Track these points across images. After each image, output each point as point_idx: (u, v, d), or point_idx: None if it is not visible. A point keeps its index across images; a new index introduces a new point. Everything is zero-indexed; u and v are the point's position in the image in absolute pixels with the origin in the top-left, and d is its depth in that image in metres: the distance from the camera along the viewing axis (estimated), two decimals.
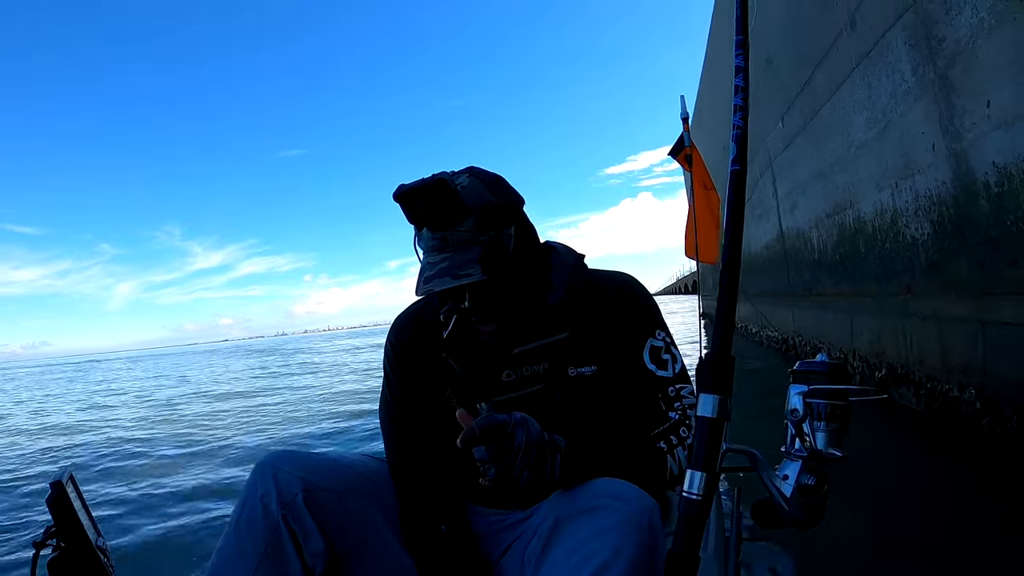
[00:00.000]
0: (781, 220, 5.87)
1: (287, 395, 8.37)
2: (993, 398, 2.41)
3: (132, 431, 5.98)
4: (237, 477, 3.47)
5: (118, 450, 4.87)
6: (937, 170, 2.73)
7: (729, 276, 0.62)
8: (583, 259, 0.94)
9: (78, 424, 7.05)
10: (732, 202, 0.64)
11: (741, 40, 0.72)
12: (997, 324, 2.37)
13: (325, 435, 4.92)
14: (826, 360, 0.67)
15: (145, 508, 2.98)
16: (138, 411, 8.11)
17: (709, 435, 0.57)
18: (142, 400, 9.88)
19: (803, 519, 0.64)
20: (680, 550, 0.56)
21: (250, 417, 6.40)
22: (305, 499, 0.79)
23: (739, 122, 0.69)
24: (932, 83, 2.64)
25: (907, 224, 3.13)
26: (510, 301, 0.83)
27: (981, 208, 2.38)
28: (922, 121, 2.79)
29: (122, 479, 3.77)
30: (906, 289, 3.21)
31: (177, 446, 4.86)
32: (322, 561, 0.79)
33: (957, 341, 2.70)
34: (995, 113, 2.22)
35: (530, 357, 0.87)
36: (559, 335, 0.86)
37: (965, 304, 2.59)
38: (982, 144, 2.33)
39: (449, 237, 0.77)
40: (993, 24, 2.16)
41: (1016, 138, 2.11)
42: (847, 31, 3.49)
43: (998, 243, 2.30)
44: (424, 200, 0.75)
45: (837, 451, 0.63)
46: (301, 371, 13.13)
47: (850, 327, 4.20)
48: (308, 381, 10.28)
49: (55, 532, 0.70)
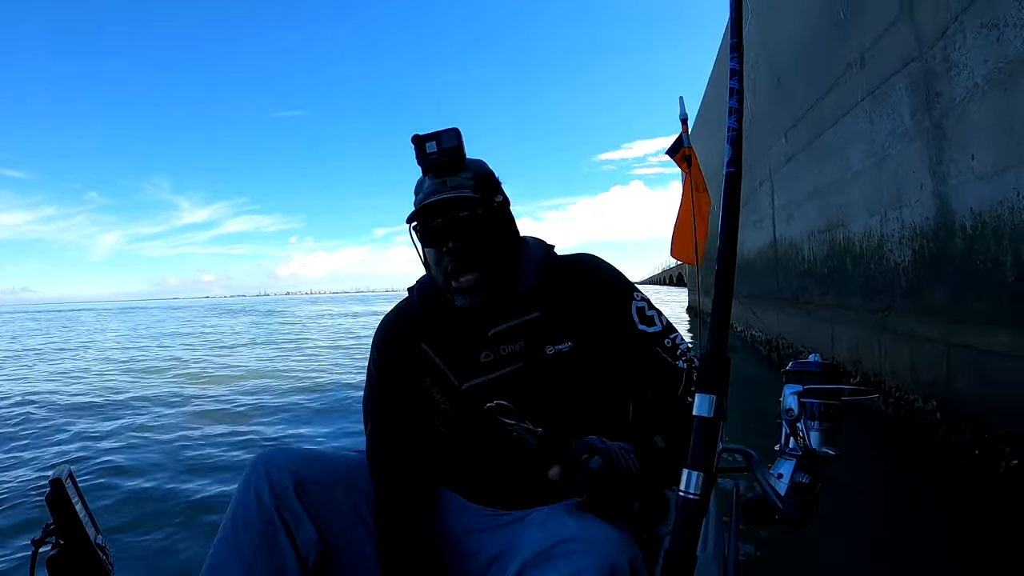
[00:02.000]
0: (776, 229, 6.23)
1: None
2: (952, 411, 2.80)
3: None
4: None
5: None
6: (923, 206, 3.07)
7: (725, 277, 0.63)
8: (553, 249, 0.99)
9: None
10: (727, 204, 0.65)
11: (736, 43, 0.72)
12: (961, 347, 2.75)
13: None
14: (819, 360, 0.68)
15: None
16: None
17: (706, 435, 0.58)
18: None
19: (797, 517, 0.64)
20: (677, 550, 0.56)
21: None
22: (296, 490, 0.83)
23: (734, 124, 0.69)
24: (927, 130, 2.96)
25: (891, 249, 3.49)
26: (491, 250, 0.88)
27: (956, 246, 2.74)
28: (915, 161, 3.12)
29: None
30: (885, 307, 3.58)
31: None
32: (315, 550, 0.83)
33: (925, 358, 3.08)
34: (978, 166, 2.55)
35: (505, 337, 0.89)
36: (531, 314, 0.89)
37: (935, 327, 2.97)
38: (963, 191, 2.67)
39: (449, 181, 0.85)
40: (986, 90, 2.47)
41: (993, 191, 2.45)
42: (857, 67, 3.79)
43: (968, 278, 2.66)
44: (439, 140, 0.83)
45: (831, 450, 0.64)
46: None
47: (831, 335, 4.60)
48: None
49: (54, 530, 0.71)
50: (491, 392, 0.86)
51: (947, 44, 2.75)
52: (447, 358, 0.92)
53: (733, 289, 0.62)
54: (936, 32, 2.83)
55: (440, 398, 0.92)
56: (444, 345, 0.93)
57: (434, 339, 0.93)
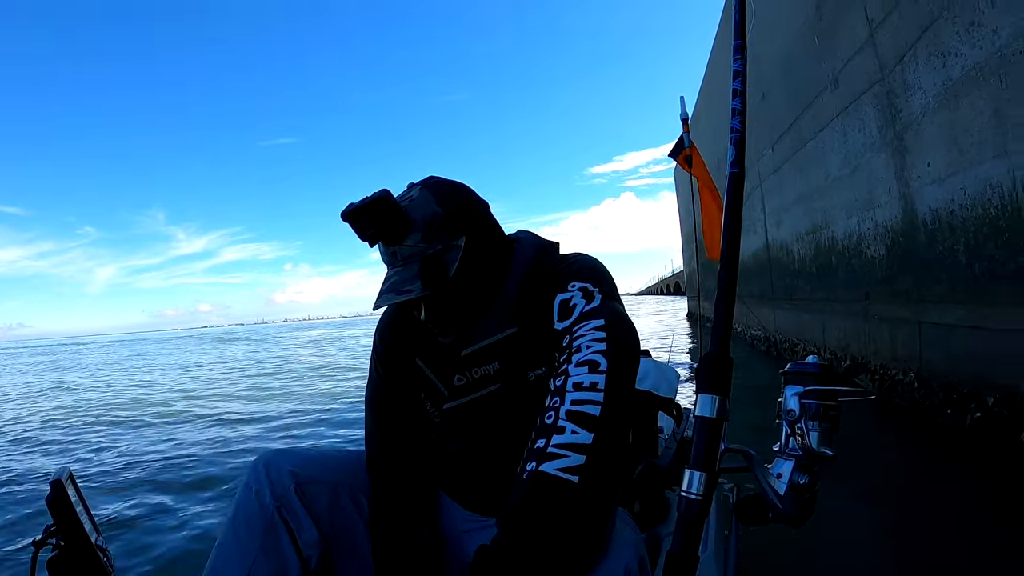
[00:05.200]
0: (767, 233, 6.74)
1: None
2: (926, 378, 3.25)
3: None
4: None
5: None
6: (891, 207, 3.57)
7: (728, 278, 0.63)
8: (550, 246, 0.87)
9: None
10: (731, 204, 0.66)
11: (739, 45, 0.71)
12: (929, 324, 3.22)
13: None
14: (817, 362, 0.69)
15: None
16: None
17: (708, 435, 0.57)
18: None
19: (796, 516, 0.65)
20: (679, 550, 0.55)
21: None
22: (297, 491, 0.82)
23: (737, 125, 0.68)
24: (891, 142, 3.47)
25: (868, 246, 3.98)
26: (462, 312, 0.80)
27: (920, 240, 3.23)
28: (883, 169, 3.63)
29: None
30: (865, 295, 4.06)
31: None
32: (317, 551, 0.81)
33: (901, 337, 3.55)
34: (932, 172, 3.05)
35: (479, 358, 0.83)
36: (507, 331, 0.82)
37: (908, 309, 3.44)
38: (923, 193, 3.17)
39: (398, 252, 0.77)
40: (935, 107, 2.98)
41: (945, 192, 2.95)
42: (831, 87, 4.32)
43: (930, 265, 3.14)
44: (368, 217, 0.74)
45: (828, 450, 0.65)
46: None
47: (822, 326, 5.07)
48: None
49: (55, 531, 0.70)
50: (471, 414, 0.85)
51: (904, 68, 3.26)
52: (437, 371, 0.89)
53: (736, 289, 0.63)
54: (895, 58, 3.35)
55: (433, 411, 0.90)
56: (433, 358, 0.89)
57: (425, 351, 0.90)
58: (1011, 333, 2.49)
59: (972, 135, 2.68)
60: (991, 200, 2.58)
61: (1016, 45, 2.32)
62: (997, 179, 2.52)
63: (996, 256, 2.59)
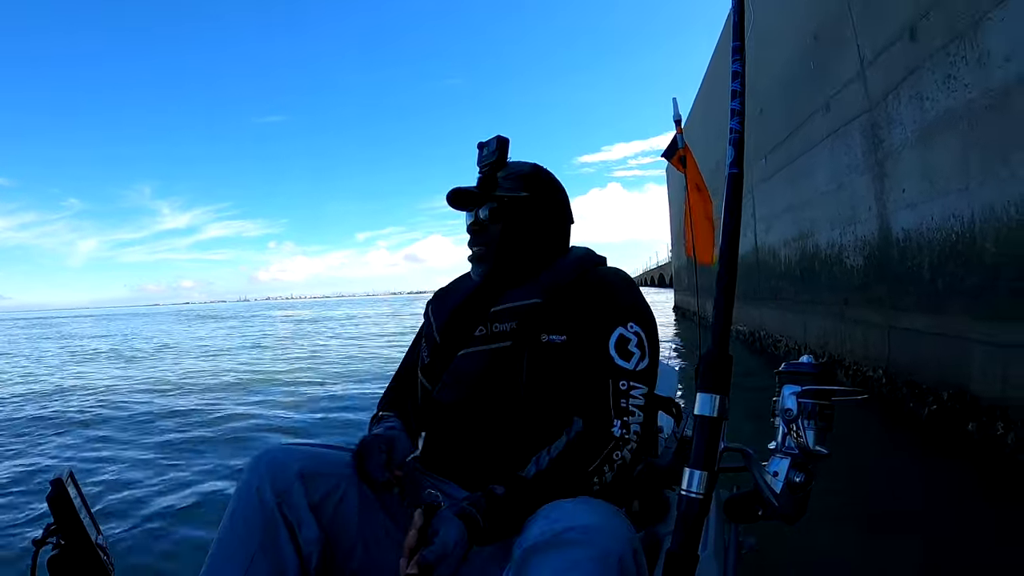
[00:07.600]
0: (757, 238, 7.23)
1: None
2: (893, 375, 3.75)
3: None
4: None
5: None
6: (870, 223, 4.05)
7: (727, 277, 0.64)
8: (596, 259, 1.02)
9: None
10: (730, 204, 0.66)
11: (738, 46, 0.71)
12: (898, 329, 3.71)
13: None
14: (812, 361, 0.69)
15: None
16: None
17: (708, 434, 0.58)
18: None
19: (792, 514, 0.66)
20: (679, 549, 0.56)
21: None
22: (298, 488, 0.81)
23: (736, 126, 0.68)
24: (873, 166, 3.94)
25: (848, 256, 4.46)
26: (501, 249, 0.95)
27: (892, 255, 3.72)
28: (864, 189, 4.10)
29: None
30: (844, 299, 4.56)
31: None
32: (317, 548, 0.81)
33: (873, 338, 4.05)
34: (907, 198, 3.52)
35: (502, 316, 0.91)
36: (532, 300, 0.91)
37: (880, 315, 3.93)
38: (897, 215, 3.65)
39: (484, 174, 0.98)
40: (913, 143, 3.44)
41: (916, 216, 3.42)
42: (823, 111, 4.78)
43: (900, 278, 3.63)
44: (490, 149, 0.96)
45: (823, 448, 0.66)
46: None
47: (804, 326, 5.58)
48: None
49: (55, 530, 0.70)
50: (476, 364, 0.91)
51: (888, 105, 3.72)
52: (439, 316, 1.00)
53: (735, 288, 0.63)
54: (882, 94, 3.80)
55: (425, 353, 0.98)
56: (446, 307, 1.00)
57: (442, 301, 1.02)
58: (963, 340, 2.98)
59: (941, 171, 3.15)
60: (953, 227, 3.05)
61: (982, 101, 2.77)
62: (959, 210, 2.99)
63: (956, 273, 3.06)
